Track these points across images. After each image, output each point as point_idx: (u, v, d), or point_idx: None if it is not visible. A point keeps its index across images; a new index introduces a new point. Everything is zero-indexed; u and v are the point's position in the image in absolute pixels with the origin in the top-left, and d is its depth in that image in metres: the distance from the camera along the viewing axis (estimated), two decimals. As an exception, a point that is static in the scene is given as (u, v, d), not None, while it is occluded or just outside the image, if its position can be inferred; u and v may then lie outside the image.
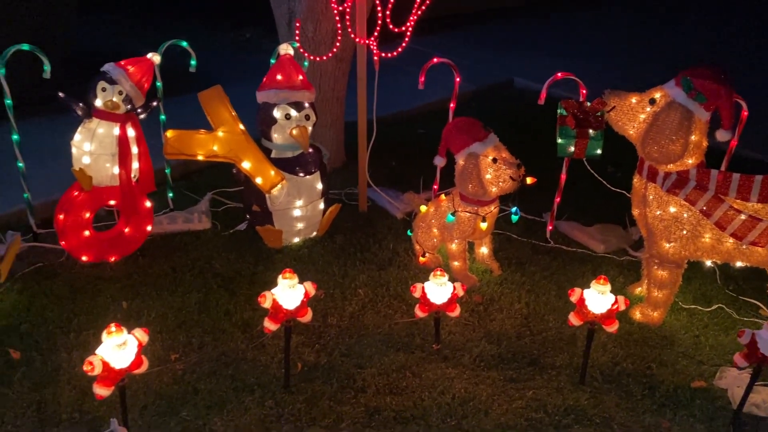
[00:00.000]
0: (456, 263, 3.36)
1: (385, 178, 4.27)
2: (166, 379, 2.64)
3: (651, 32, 9.46)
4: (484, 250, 3.52)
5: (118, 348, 2.11)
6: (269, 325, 2.50)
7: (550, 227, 3.81)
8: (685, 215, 2.89)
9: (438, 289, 2.73)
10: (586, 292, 2.63)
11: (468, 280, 3.35)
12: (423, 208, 3.43)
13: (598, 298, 2.60)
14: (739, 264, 2.98)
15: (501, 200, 3.30)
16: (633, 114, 2.91)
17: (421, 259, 3.47)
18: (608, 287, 2.60)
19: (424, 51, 3.63)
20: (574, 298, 2.66)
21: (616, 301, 2.61)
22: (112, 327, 2.11)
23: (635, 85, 3.05)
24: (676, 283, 3.07)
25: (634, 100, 2.91)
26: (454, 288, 2.75)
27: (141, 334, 2.21)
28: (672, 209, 2.90)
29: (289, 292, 2.46)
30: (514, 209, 3.27)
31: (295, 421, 2.48)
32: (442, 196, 3.40)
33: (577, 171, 3.72)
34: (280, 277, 2.47)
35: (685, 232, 2.91)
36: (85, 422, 2.41)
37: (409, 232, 3.58)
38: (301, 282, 2.52)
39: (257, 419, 2.47)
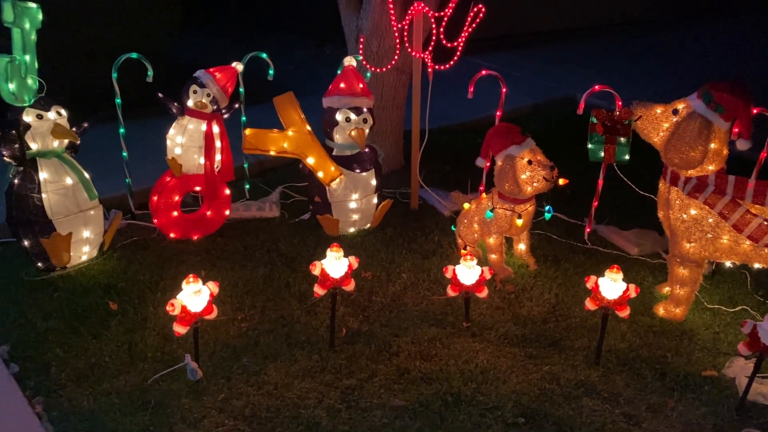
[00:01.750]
0: (493, 256, 3.70)
1: (438, 180, 4.66)
2: (232, 332, 3.13)
3: (729, 54, 9.39)
4: (521, 246, 3.83)
5: (195, 294, 2.60)
6: (318, 290, 2.95)
7: (588, 229, 4.07)
8: (705, 218, 3.11)
9: (467, 271, 3.09)
10: (600, 279, 2.92)
11: (503, 271, 3.68)
12: (466, 205, 3.79)
13: (611, 285, 2.88)
14: (756, 266, 3.17)
15: (537, 200, 3.61)
16: (658, 123, 3.17)
17: (462, 251, 3.82)
18: (620, 275, 2.87)
19: (489, 67, 4.00)
20: (589, 285, 2.95)
21: (627, 289, 2.88)
22: (191, 277, 2.61)
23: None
24: (696, 281, 3.28)
25: (659, 111, 3.18)
26: (482, 271, 3.11)
27: (213, 286, 2.71)
28: (693, 212, 3.14)
29: (335, 263, 2.89)
30: (547, 207, 3.58)
31: (336, 372, 2.90)
32: (483, 195, 3.76)
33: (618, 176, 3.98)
34: (328, 250, 2.91)
35: (706, 233, 3.13)
36: (165, 360, 2.92)
37: (453, 227, 3.95)
38: (346, 256, 2.95)
39: (304, 369, 2.91)
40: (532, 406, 2.75)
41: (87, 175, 3.51)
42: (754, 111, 3.17)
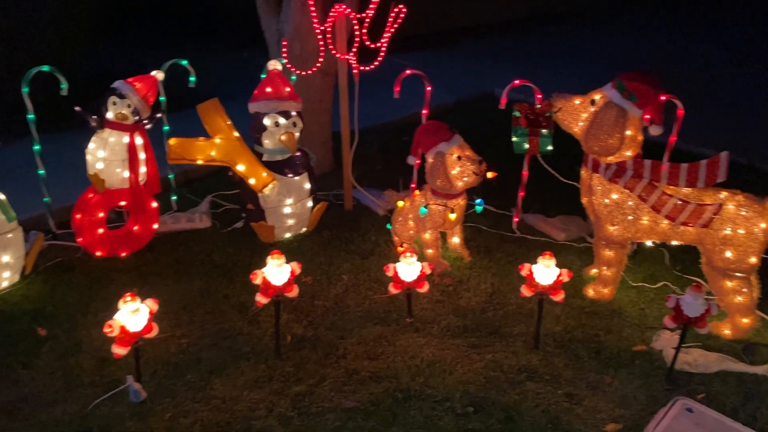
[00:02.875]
0: (430, 251, 3.77)
1: (371, 180, 4.69)
2: (173, 349, 3.05)
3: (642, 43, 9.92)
4: (455, 239, 3.92)
5: (133, 314, 2.52)
6: (260, 299, 2.91)
7: (516, 219, 4.22)
8: (626, 201, 3.29)
9: (408, 268, 3.14)
10: (534, 266, 3.04)
11: (440, 265, 3.76)
12: (400, 203, 3.85)
13: (545, 271, 3.00)
14: (674, 242, 3.38)
15: (468, 194, 3.71)
16: (577, 114, 3.33)
17: (399, 249, 3.88)
18: (553, 261, 3.00)
19: (412, 65, 4.05)
20: (524, 273, 3.06)
21: (560, 274, 3.01)
22: (128, 296, 2.53)
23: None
24: (622, 262, 3.47)
25: (577, 102, 3.34)
26: (423, 267, 3.16)
27: (152, 303, 2.63)
28: (614, 196, 3.31)
29: (277, 270, 2.87)
30: (478, 201, 3.68)
31: (284, 380, 2.88)
32: (416, 192, 3.82)
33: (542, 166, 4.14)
34: (269, 257, 2.88)
35: (627, 216, 3.31)
36: (105, 384, 2.81)
37: (388, 226, 3.99)
38: (288, 263, 2.93)
39: (251, 379, 2.87)
40: (480, 394, 2.83)
41: (2, 196, 3.32)
42: (663, 98, 3.39)
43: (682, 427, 2.63)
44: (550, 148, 3.59)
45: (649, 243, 3.68)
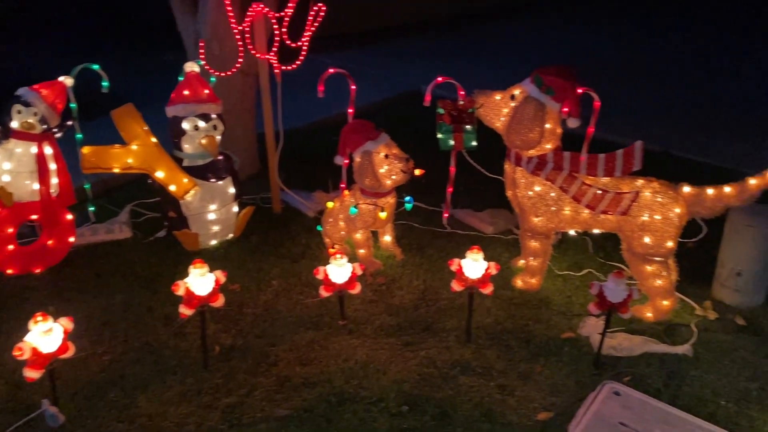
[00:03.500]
0: (362, 251, 3.74)
1: (299, 182, 4.62)
2: (94, 368, 2.90)
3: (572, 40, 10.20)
4: (387, 238, 3.91)
5: (45, 334, 2.37)
6: (184, 310, 2.81)
7: (446, 215, 4.25)
8: (549, 193, 3.36)
9: (339, 270, 3.10)
10: (463, 261, 3.06)
11: (373, 265, 3.74)
12: (330, 204, 3.80)
13: (474, 265, 3.02)
14: (596, 231, 3.48)
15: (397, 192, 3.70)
16: (498, 109, 3.37)
17: (331, 250, 3.83)
18: (481, 255, 3.03)
19: (339, 64, 4.01)
20: (453, 267, 3.08)
21: (488, 267, 3.04)
22: (39, 316, 2.38)
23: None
24: (547, 251, 3.55)
25: (498, 97, 3.38)
26: (353, 268, 3.13)
27: (66, 322, 2.49)
28: (537, 188, 3.37)
29: (200, 280, 2.77)
30: (407, 198, 3.68)
31: (213, 392, 2.79)
32: (346, 192, 3.78)
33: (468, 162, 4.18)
34: (191, 266, 2.78)
35: (550, 207, 3.38)
36: (18, 410, 2.64)
37: (319, 227, 3.94)
38: (212, 271, 2.84)
39: (179, 394, 2.77)
40: (414, 392, 2.82)
41: None
42: (580, 91, 3.48)
43: (610, 410, 2.71)
44: (474, 143, 3.63)
45: (572, 232, 3.78)
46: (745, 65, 8.51)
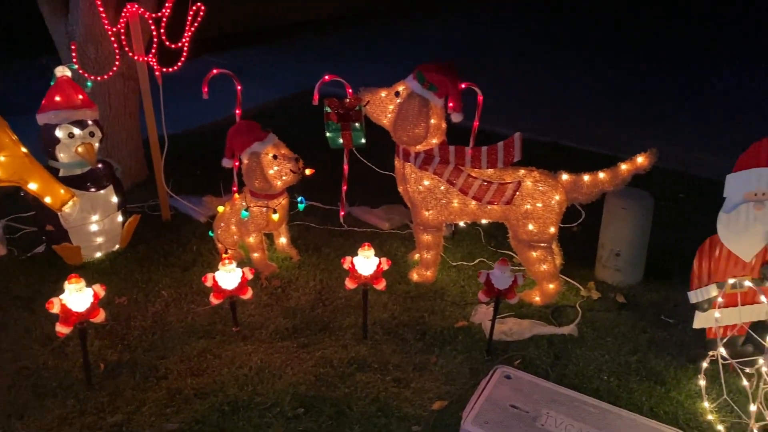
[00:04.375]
0: (255, 255, 3.67)
1: (189, 187, 4.48)
2: (-40, 399, 2.69)
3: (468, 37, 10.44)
4: (282, 240, 3.86)
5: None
6: (61, 329, 2.65)
7: (342, 213, 4.25)
8: (437, 186, 3.43)
9: (228, 276, 3.02)
10: (355, 259, 3.06)
11: (268, 268, 3.68)
12: (220, 208, 3.70)
13: (365, 262, 3.04)
14: (484, 221, 3.59)
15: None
16: (384, 106, 3.40)
17: (224, 256, 3.73)
18: (372, 252, 3.04)
19: (228, 64, 3.90)
20: (346, 265, 3.08)
21: (380, 263, 3.06)
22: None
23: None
24: (440, 244, 3.62)
25: (383, 94, 3.41)
26: (243, 273, 3.07)
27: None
28: (426, 182, 3.43)
29: (76, 296, 2.62)
30: (299, 198, 3.65)
31: (98, 412, 2.65)
32: (236, 195, 3.70)
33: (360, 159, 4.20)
34: (66, 282, 2.63)
35: (440, 200, 3.45)
36: None
37: (210, 233, 3.83)
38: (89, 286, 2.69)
39: (59, 417, 2.61)
40: (310, 394, 2.80)
41: None
42: (463, 86, 3.57)
43: (502, 393, 2.80)
44: (363, 141, 3.64)
45: (461, 224, 3.88)
46: (625, 58, 9.06)
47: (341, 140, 3.62)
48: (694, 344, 3.13)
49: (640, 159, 3.24)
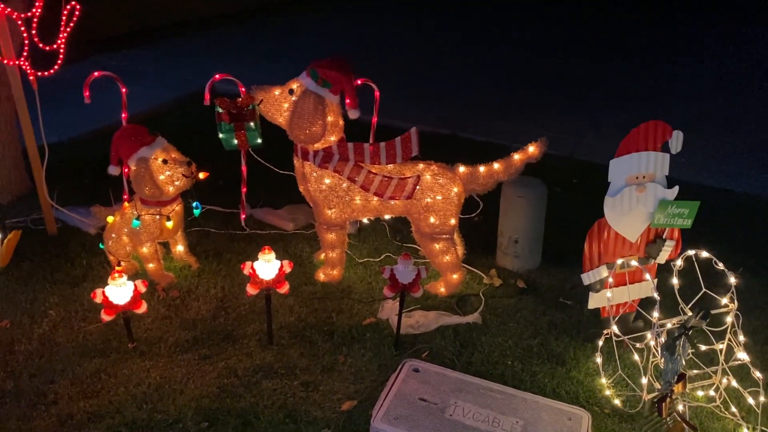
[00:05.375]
0: (150, 265, 3.50)
1: (77, 197, 4.20)
2: None
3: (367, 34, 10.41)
4: (180, 248, 3.70)
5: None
6: (-73, 361, 2.41)
7: (243, 216, 4.13)
8: (339, 184, 3.39)
9: (119, 290, 2.85)
10: (255, 263, 2.97)
11: (164, 279, 3.52)
12: (110, 218, 3.50)
13: (266, 266, 2.96)
14: (387, 216, 3.59)
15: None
16: (278, 104, 3.32)
17: (117, 268, 3.53)
18: (273, 255, 2.96)
19: (119, 65, 3.68)
20: (246, 271, 2.98)
21: (282, 266, 2.99)
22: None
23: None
24: (344, 242, 3.59)
25: (277, 92, 3.33)
26: (136, 286, 2.91)
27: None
28: (327, 181, 3.39)
29: (-56, 323, 2.39)
30: (195, 204, 3.50)
31: (-25, 451, 2.44)
32: (126, 204, 3.51)
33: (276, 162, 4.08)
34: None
35: (342, 198, 3.41)
36: None
37: (101, 245, 3.61)
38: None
39: (-70, 460, 2.38)
40: (214, 406, 2.70)
41: None
42: (358, 82, 3.55)
43: (411, 387, 2.81)
44: (259, 141, 3.54)
45: (365, 220, 3.86)
46: (518, 50, 9.37)
47: (236, 141, 3.50)
48: (590, 324, 3.27)
49: (531, 148, 3.33)
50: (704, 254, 2.78)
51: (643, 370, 2.78)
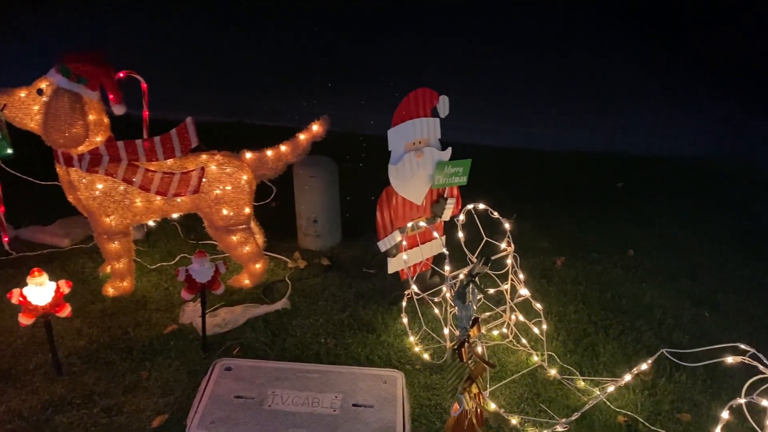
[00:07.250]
0: None
1: None
2: None
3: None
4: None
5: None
6: None
7: (6, 239, 3.63)
8: (115, 188, 3.10)
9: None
10: (25, 289, 2.61)
11: None
12: None
13: (39, 290, 2.61)
14: (175, 215, 3.38)
15: None
16: (27, 108, 2.95)
17: None
18: (45, 277, 2.62)
19: None
20: (15, 299, 2.61)
21: (58, 287, 2.66)
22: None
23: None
24: (130, 250, 3.31)
25: (23, 94, 2.95)
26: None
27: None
28: (100, 186, 3.08)
29: None
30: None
31: None
32: None
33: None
34: None
35: (120, 202, 3.13)
36: None
37: None
38: None
39: None
40: (-4, 460, 2.35)
41: None
42: (121, 75, 3.26)
43: (225, 387, 2.70)
44: (9, 151, 3.12)
45: (151, 223, 3.61)
46: (301, 33, 9.35)
47: (-20, 154, 3.05)
48: (393, 288, 3.40)
49: (315, 127, 3.35)
50: (481, 206, 3.02)
51: (444, 321, 2.97)
